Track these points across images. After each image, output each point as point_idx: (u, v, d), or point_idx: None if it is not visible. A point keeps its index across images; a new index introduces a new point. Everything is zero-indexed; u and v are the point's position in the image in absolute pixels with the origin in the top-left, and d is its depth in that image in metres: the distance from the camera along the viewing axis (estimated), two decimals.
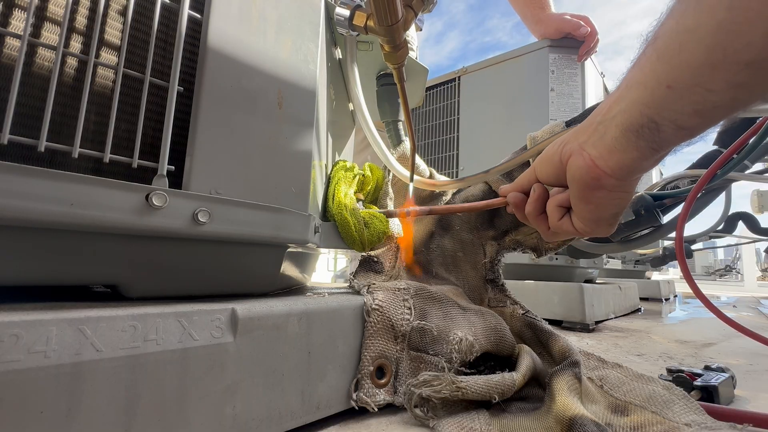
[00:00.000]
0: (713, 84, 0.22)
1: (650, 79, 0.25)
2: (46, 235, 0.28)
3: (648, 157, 0.27)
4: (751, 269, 5.11)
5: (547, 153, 0.35)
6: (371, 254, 0.58)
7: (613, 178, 0.29)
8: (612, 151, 0.28)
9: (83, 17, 0.31)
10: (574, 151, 0.31)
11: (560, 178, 0.34)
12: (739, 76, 0.21)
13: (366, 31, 0.42)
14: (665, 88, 0.24)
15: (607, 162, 0.28)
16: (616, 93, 0.28)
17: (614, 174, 0.29)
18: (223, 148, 0.36)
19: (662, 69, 0.24)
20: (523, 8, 1.25)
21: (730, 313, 1.33)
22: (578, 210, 0.33)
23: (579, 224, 0.34)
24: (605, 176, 0.29)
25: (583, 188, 0.31)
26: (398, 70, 0.44)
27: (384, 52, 0.42)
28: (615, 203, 0.31)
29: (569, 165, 0.31)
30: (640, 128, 0.26)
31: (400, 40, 0.40)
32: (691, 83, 0.23)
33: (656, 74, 0.24)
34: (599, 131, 0.29)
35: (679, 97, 0.24)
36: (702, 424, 0.38)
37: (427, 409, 0.41)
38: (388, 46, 0.41)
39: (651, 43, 0.25)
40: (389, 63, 0.43)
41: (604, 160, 0.29)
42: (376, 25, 0.39)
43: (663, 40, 0.24)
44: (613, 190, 0.30)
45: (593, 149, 0.29)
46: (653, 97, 0.25)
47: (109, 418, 0.26)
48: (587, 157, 0.29)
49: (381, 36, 0.40)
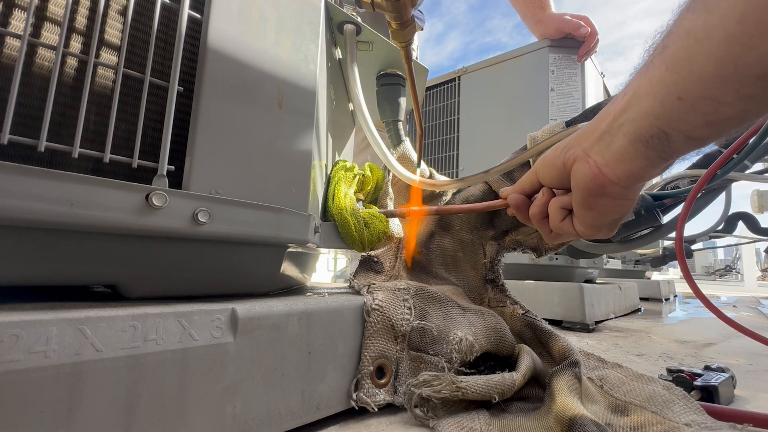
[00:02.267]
0: (724, 96, 0.22)
1: (660, 89, 0.25)
2: (46, 235, 0.28)
3: (656, 166, 0.27)
4: (751, 269, 5.11)
5: (548, 157, 0.35)
6: (371, 254, 0.58)
7: (618, 186, 0.29)
8: (620, 160, 0.28)
9: (83, 17, 0.31)
10: (578, 157, 0.31)
11: (563, 182, 0.34)
12: (750, 88, 0.21)
13: (373, 7, 0.41)
14: (675, 99, 0.24)
15: (614, 170, 0.28)
16: (622, 100, 0.28)
17: (620, 182, 0.28)
18: (223, 148, 0.36)
19: (672, 80, 0.24)
20: (523, 8, 1.25)
21: (730, 313, 1.33)
22: (580, 215, 0.33)
23: (580, 228, 0.34)
24: (611, 184, 0.29)
25: (587, 195, 0.31)
26: (405, 48, 0.43)
27: (391, 29, 0.41)
28: (617, 210, 0.31)
29: (574, 171, 0.31)
30: (649, 138, 0.26)
31: (407, 17, 0.39)
32: (701, 95, 0.23)
33: (666, 85, 0.24)
34: (605, 139, 0.29)
35: (690, 108, 0.23)
36: (702, 424, 0.38)
37: (427, 409, 0.41)
38: (395, 23, 0.40)
39: (659, 52, 0.25)
40: (396, 41, 0.42)
41: (611, 168, 0.28)
42: (384, 1, 0.39)
43: (672, 50, 0.24)
44: (617, 198, 0.30)
45: (599, 157, 0.29)
46: (663, 108, 0.24)
47: (109, 418, 0.26)
48: (593, 165, 0.29)
49: (388, 12, 0.39)
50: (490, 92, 1.32)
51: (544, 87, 1.18)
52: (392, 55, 0.66)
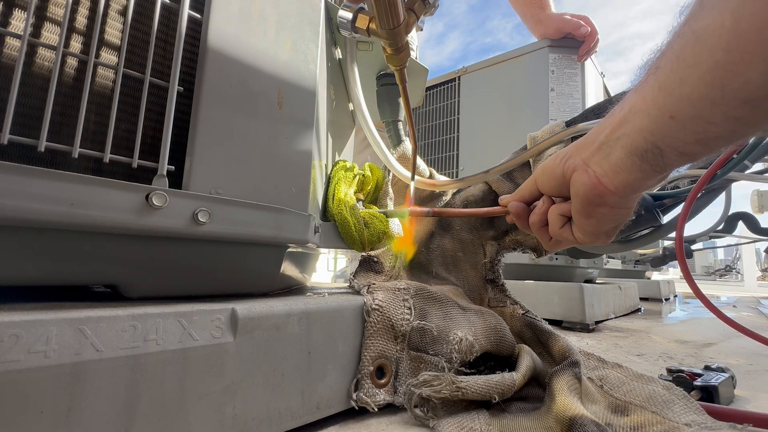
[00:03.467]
0: (713, 117, 0.23)
1: (653, 108, 0.26)
2: (46, 235, 0.28)
3: (651, 177, 0.28)
4: (751, 269, 5.11)
5: (548, 166, 0.36)
6: (371, 254, 0.58)
7: (616, 195, 0.30)
8: (617, 171, 0.29)
9: (83, 17, 0.31)
10: (578, 166, 0.32)
11: (562, 190, 0.35)
12: (737, 111, 0.22)
13: (368, 33, 0.42)
14: (668, 118, 0.25)
15: (612, 180, 0.29)
16: (620, 114, 0.29)
17: (618, 192, 0.30)
18: (223, 147, 0.36)
19: (664, 100, 0.25)
20: (523, 8, 1.25)
21: (730, 313, 1.33)
22: (579, 223, 0.34)
23: (579, 235, 0.35)
24: (609, 194, 0.30)
25: (586, 204, 0.32)
26: (400, 71, 0.44)
27: (386, 54, 0.42)
28: (615, 218, 0.32)
29: (573, 180, 0.32)
30: (644, 153, 0.27)
31: (402, 43, 0.40)
32: (692, 115, 0.24)
33: (658, 104, 0.25)
34: (604, 151, 0.30)
35: (681, 127, 0.25)
36: (702, 424, 0.38)
37: (427, 409, 0.41)
38: (390, 49, 0.41)
39: (653, 72, 0.26)
40: (391, 65, 0.43)
41: (608, 178, 0.30)
42: (378, 28, 0.39)
43: (664, 72, 0.25)
44: (615, 207, 0.31)
45: (598, 167, 0.30)
46: (656, 126, 0.26)
47: (109, 418, 0.26)
48: (592, 175, 0.30)
49: (383, 39, 0.40)
50: (490, 92, 1.32)
51: (544, 87, 1.18)
52: None
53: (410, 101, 0.49)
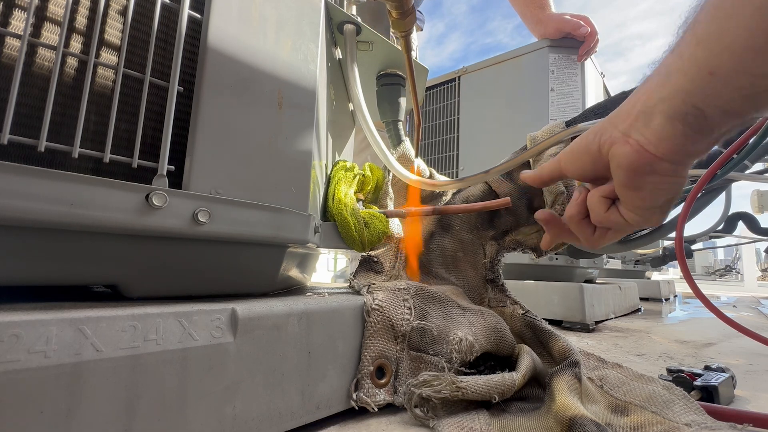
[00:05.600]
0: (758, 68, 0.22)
1: (691, 65, 0.24)
2: (46, 235, 0.28)
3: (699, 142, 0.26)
4: (751, 269, 5.11)
5: (579, 145, 0.33)
6: (371, 254, 0.58)
7: (666, 161, 0.27)
8: (661, 138, 0.27)
9: (83, 17, 0.31)
10: (616, 139, 0.29)
11: (597, 169, 0.31)
12: None
13: None
14: (707, 74, 0.23)
15: (657, 147, 0.27)
16: (655, 79, 0.27)
17: (666, 158, 0.27)
18: (223, 148, 0.36)
19: (703, 55, 0.23)
20: (523, 8, 1.25)
21: (730, 313, 1.33)
22: (628, 199, 0.30)
23: (628, 214, 0.31)
24: (658, 160, 0.27)
25: (633, 175, 0.29)
26: (405, 38, 0.43)
27: (391, 19, 0.42)
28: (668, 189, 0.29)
29: (613, 153, 0.29)
30: (684, 116, 0.25)
31: (408, 6, 0.40)
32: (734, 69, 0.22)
33: (696, 61, 0.24)
34: (642, 119, 0.27)
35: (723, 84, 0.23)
36: (702, 424, 0.38)
37: (427, 409, 0.41)
38: (396, 12, 0.41)
39: (690, 28, 0.24)
40: (397, 31, 0.43)
41: (653, 146, 0.27)
42: None
43: (702, 25, 0.24)
44: (666, 175, 0.28)
45: (640, 136, 0.27)
46: (694, 86, 0.24)
47: (109, 418, 0.26)
48: (635, 143, 0.28)
49: (389, 1, 0.40)
50: (490, 92, 1.32)
51: (544, 87, 1.18)
52: (392, 55, 0.66)
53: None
